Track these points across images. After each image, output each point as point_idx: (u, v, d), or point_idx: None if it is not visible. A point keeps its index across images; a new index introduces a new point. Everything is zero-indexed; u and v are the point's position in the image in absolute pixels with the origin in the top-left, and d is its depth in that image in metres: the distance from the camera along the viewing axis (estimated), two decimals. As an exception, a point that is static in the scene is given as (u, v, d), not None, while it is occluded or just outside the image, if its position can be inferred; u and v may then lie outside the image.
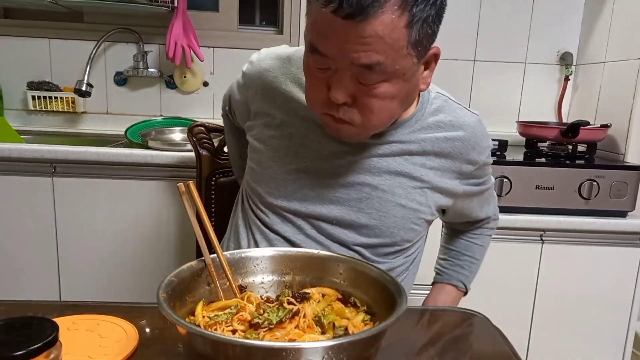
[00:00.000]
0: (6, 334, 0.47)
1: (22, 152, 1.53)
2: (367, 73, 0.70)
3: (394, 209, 0.87)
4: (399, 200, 0.87)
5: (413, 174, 0.87)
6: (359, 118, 0.76)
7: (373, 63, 0.69)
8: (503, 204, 1.60)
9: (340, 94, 0.72)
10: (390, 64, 0.70)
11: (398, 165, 0.87)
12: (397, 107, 0.78)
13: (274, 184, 0.90)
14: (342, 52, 0.69)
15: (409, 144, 0.87)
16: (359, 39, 0.67)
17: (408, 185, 0.87)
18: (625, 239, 1.60)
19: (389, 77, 0.72)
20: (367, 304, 0.68)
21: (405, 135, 0.87)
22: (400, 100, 0.77)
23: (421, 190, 0.88)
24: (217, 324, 0.61)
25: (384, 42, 0.68)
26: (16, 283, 1.62)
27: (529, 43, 2.08)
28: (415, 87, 0.80)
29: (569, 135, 1.69)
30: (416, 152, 0.88)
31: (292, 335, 0.58)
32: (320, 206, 0.88)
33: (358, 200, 0.87)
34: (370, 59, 0.69)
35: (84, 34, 2.01)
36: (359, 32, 0.66)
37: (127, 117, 2.03)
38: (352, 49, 0.68)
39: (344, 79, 0.72)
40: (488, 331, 0.77)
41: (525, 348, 1.66)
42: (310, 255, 0.73)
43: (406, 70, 0.73)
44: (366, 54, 0.68)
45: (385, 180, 0.87)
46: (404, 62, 0.72)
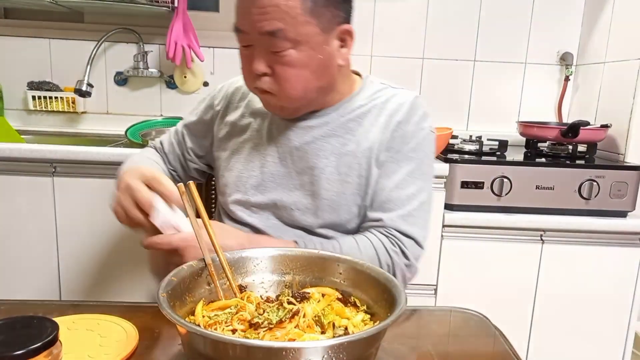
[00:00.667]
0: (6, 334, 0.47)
1: (23, 152, 1.53)
2: (273, 40, 0.82)
3: (342, 187, 0.94)
4: (345, 178, 0.94)
5: (355, 152, 0.94)
6: (276, 87, 0.87)
7: (275, 29, 0.81)
8: (503, 204, 1.60)
9: (258, 64, 0.85)
10: (291, 30, 0.81)
11: (341, 146, 0.95)
12: (311, 77, 0.87)
13: (240, 181, 0.99)
14: (250, 24, 0.82)
15: (349, 123, 0.96)
16: (260, 9, 0.80)
17: (352, 162, 0.94)
18: (625, 239, 1.60)
19: (294, 45, 0.83)
20: (367, 303, 0.68)
21: (344, 114, 0.96)
22: (313, 71, 0.86)
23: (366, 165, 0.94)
24: (217, 323, 0.61)
25: (280, 9, 0.80)
26: (16, 282, 1.62)
27: (529, 43, 2.08)
28: (329, 59, 0.88)
29: (569, 136, 1.69)
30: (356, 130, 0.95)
31: (292, 334, 0.58)
32: (280, 194, 0.97)
33: (311, 184, 0.95)
34: (272, 26, 0.81)
35: (84, 34, 2.01)
36: (258, 3, 0.80)
37: (127, 117, 2.03)
38: (257, 19, 0.81)
39: (260, 51, 0.84)
40: (488, 331, 0.77)
41: (526, 348, 1.66)
42: (310, 255, 0.73)
43: (309, 38, 0.83)
44: (268, 22, 0.81)
45: (332, 162, 0.94)
46: (305, 29, 0.82)
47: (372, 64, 2.07)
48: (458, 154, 1.70)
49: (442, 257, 1.62)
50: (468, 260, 1.63)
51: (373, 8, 2.04)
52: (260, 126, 1.00)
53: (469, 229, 1.60)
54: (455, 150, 1.76)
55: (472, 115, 2.14)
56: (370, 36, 2.06)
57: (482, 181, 1.59)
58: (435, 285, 1.65)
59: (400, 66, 2.07)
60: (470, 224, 1.59)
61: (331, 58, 0.88)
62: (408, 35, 2.06)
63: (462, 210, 1.60)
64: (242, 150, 1.01)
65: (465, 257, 1.62)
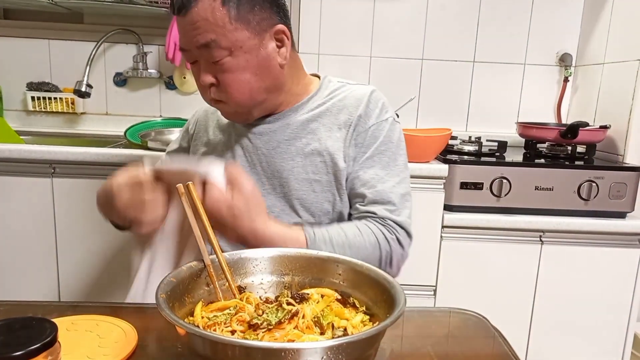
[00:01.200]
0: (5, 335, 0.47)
1: (22, 153, 1.53)
2: (210, 51, 0.87)
3: (311, 186, 0.97)
4: (313, 176, 0.97)
5: (320, 150, 0.97)
6: (224, 95, 0.92)
7: (208, 41, 0.87)
8: (502, 205, 1.60)
9: (204, 76, 0.91)
10: (223, 39, 0.87)
11: (305, 146, 0.98)
12: (253, 79, 0.91)
13: None
14: (188, 40, 0.89)
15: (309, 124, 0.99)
16: (192, 25, 0.86)
17: (317, 161, 0.97)
18: (624, 240, 1.60)
19: (229, 52, 0.88)
20: (366, 304, 0.68)
21: (304, 115, 1.00)
22: (254, 73, 0.91)
23: (331, 162, 0.96)
24: (216, 324, 0.61)
25: (208, 21, 0.86)
26: (15, 283, 1.62)
27: (529, 44, 2.09)
28: (267, 60, 0.92)
29: (569, 136, 1.69)
30: (318, 129, 0.98)
31: (291, 335, 0.58)
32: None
33: (281, 187, 0.98)
34: (204, 38, 0.86)
35: (83, 34, 2.01)
36: (188, 20, 0.86)
37: (126, 118, 2.03)
38: (191, 35, 0.87)
39: (203, 64, 0.91)
40: (487, 332, 0.77)
41: (525, 349, 1.66)
42: (310, 256, 0.73)
43: (242, 43, 0.88)
44: (201, 35, 0.86)
45: (298, 163, 0.98)
46: (235, 35, 0.87)
47: (371, 64, 2.07)
48: (457, 155, 1.70)
49: (442, 257, 1.62)
50: (467, 261, 1.63)
51: (373, 8, 2.04)
52: (228, 139, 1.04)
53: (468, 230, 1.60)
54: (455, 151, 1.76)
55: (472, 116, 2.14)
56: (369, 37, 2.06)
57: (481, 182, 1.59)
58: (434, 286, 1.65)
59: (400, 67, 2.08)
60: (470, 225, 1.59)
61: (269, 59, 0.92)
62: (407, 36, 2.07)
63: (461, 211, 1.60)
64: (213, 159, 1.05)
65: (465, 258, 1.63)
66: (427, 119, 2.12)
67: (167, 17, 1.92)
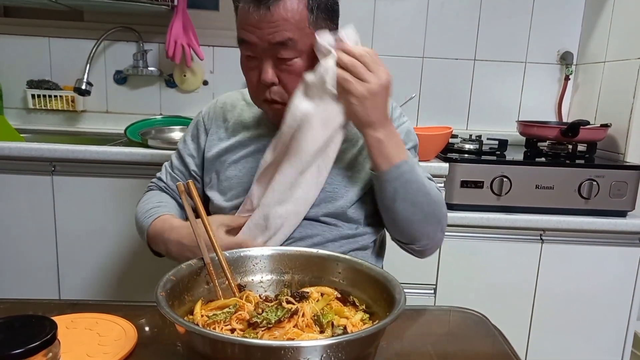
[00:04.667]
0: (5, 333, 0.47)
1: (22, 151, 1.53)
2: (282, 50, 0.87)
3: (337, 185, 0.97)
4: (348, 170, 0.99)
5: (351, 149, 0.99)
6: (285, 96, 0.91)
7: (285, 39, 0.86)
8: (503, 203, 1.60)
9: (267, 74, 0.89)
10: (300, 41, 0.87)
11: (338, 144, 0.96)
12: None
13: (241, 187, 1.00)
14: (260, 36, 0.87)
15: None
16: (270, 24, 0.85)
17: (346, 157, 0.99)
18: (625, 239, 1.60)
19: (299, 54, 0.88)
20: (366, 303, 0.68)
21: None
22: None
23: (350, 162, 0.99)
24: (216, 323, 0.61)
25: (289, 22, 0.86)
26: (16, 281, 1.62)
27: (529, 42, 2.08)
28: None
29: (569, 135, 1.69)
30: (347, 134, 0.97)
31: (291, 334, 0.58)
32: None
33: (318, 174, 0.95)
34: (282, 36, 0.86)
35: (83, 32, 2.01)
36: (269, 16, 0.85)
37: (126, 116, 2.02)
38: (267, 32, 0.86)
39: (268, 62, 0.89)
40: (487, 331, 0.77)
41: (525, 348, 1.66)
42: (310, 255, 0.73)
43: (311, 48, 0.89)
44: (279, 34, 0.86)
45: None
46: (309, 40, 0.88)
47: (372, 63, 2.07)
48: (458, 154, 1.70)
49: (442, 256, 1.62)
50: (467, 259, 1.63)
51: (373, 7, 2.04)
52: (257, 137, 1.03)
53: (469, 229, 1.60)
54: (455, 150, 1.76)
55: (472, 114, 2.14)
56: (370, 35, 2.05)
57: (481, 180, 1.59)
58: (434, 285, 1.65)
59: (400, 65, 2.07)
60: (470, 224, 1.59)
61: None
62: (408, 35, 2.06)
63: (461, 209, 1.60)
64: (241, 159, 1.03)
65: (465, 256, 1.62)
66: (428, 117, 2.11)
67: (167, 15, 1.91)
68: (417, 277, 1.63)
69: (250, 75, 0.93)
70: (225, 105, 1.10)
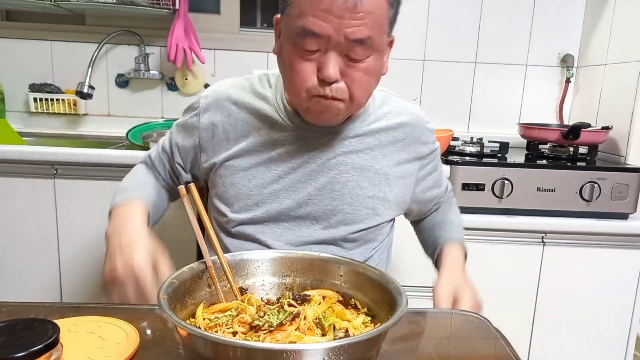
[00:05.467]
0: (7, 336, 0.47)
1: (24, 154, 1.53)
2: (357, 47, 0.78)
3: (364, 201, 0.95)
4: (367, 192, 0.95)
5: (375, 166, 0.96)
6: (347, 94, 0.83)
7: (364, 37, 0.77)
8: (504, 206, 1.60)
9: (334, 70, 0.79)
10: (377, 39, 0.79)
11: (361, 160, 0.95)
12: (373, 85, 0.87)
13: (250, 200, 0.94)
14: (337, 29, 0.76)
15: (367, 137, 0.96)
16: (353, 15, 0.75)
17: (373, 178, 0.96)
18: (626, 241, 1.60)
19: (372, 52, 0.80)
20: (368, 306, 0.68)
21: (361, 127, 0.96)
22: (376, 79, 0.86)
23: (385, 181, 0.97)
24: (218, 326, 0.61)
25: (373, 17, 0.77)
26: (18, 285, 1.62)
27: (530, 45, 2.08)
28: (382, 68, 0.88)
29: (570, 137, 1.69)
30: (375, 146, 0.96)
31: (293, 337, 0.58)
32: (297, 210, 0.94)
33: (331, 199, 0.94)
34: (363, 33, 0.77)
35: (85, 36, 2.01)
36: (355, 8, 0.75)
37: (128, 119, 2.03)
38: (347, 25, 0.76)
39: (334, 56, 0.79)
40: (489, 333, 0.77)
41: (527, 351, 1.66)
42: (311, 258, 0.73)
43: (383, 47, 0.83)
44: (360, 29, 0.77)
45: (353, 177, 0.94)
46: (383, 38, 0.82)
47: (373, 66, 2.08)
48: (459, 156, 1.70)
49: (443, 259, 1.62)
50: (469, 262, 1.62)
51: (374, 10, 2.04)
52: (270, 140, 0.94)
53: (470, 231, 1.60)
54: (456, 152, 1.76)
55: (473, 117, 2.14)
56: (371, 38, 2.06)
57: (483, 183, 1.59)
58: (436, 287, 1.64)
59: (402, 68, 2.07)
60: (471, 226, 1.59)
61: (383, 67, 0.88)
62: (409, 37, 2.07)
63: (463, 212, 1.58)
64: (251, 168, 0.95)
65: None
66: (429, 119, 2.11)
67: (168, 18, 1.92)
68: (419, 280, 1.63)
69: (302, 66, 0.81)
70: (230, 97, 0.96)
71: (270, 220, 0.95)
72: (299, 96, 0.84)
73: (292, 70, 0.82)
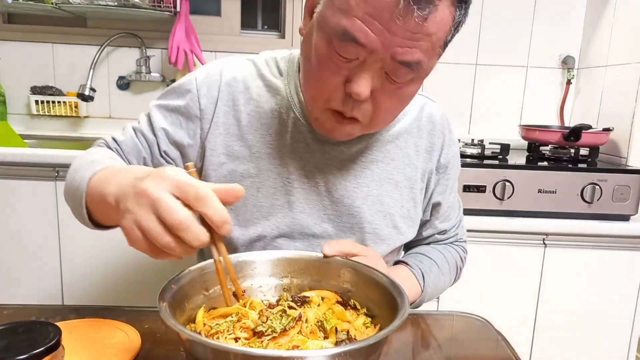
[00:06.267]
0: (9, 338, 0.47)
1: (25, 157, 1.53)
2: (402, 70, 0.65)
3: (384, 220, 0.86)
4: (388, 209, 0.86)
5: (396, 179, 0.86)
6: (369, 116, 0.71)
7: (414, 61, 0.64)
8: (505, 207, 1.60)
9: (365, 88, 0.65)
10: (426, 63, 0.66)
11: (382, 172, 0.85)
12: (403, 108, 0.76)
13: (259, 212, 0.82)
14: (387, 45, 0.62)
15: (387, 146, 0.86)
16: (410, 34, 0.61)
17: (395, 193, 0.86)
18: (628, 243, 1.60)
19: (417, 76, 0.68)
20: (367, 306, 0.67)
21: (383, 131, 0.85)
22: (408, 102, 0.75)
23: (409, 195, 0.88)
24: (219, 332, 0.60)
25: (430, 40, 0.63)
26: (19, 287, 1.62)
27: (531, 47, 2.08)
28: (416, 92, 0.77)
29: (571, 139, 1.69)
30: (396, 154, 0.86)
31: (296, 341, 0.57)
32: (311, 227, 0.84)
33: (350, 216, 0.84)
34: (413, 56, 0.63)
35: (87, 38, 2.02)
36: (414, 26, 0.61)
37: (129, 121, 2.03)
38: (399, 43, 0.62)
39: (370, 72, 0.65)
40: (490, 335, 0.77)
41: (528, 352, 1.66)
42: (310, 258, 0.73)
43: (429, 71, 0.69)
44: (411, 51, 0.63)
45: (373, 191, 0.85)
46: (433, 62, 0.68)
47: (373, 68, 2.08)
48: (460, 158, 1.69)
49: (444, 261, 1.62)
50: (470, 264, 1.61)
51: (375, 12, 2.04)
52: (280, 147, 0.81)
53: (471, 233, 1.59)
54: (457, 154, 1.76)
55: (474, 118, 2.14)
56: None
57: (484, 185, 1.59)
58: (437, 289, 1.64)
59: (402, 70, 2.08)
60: (472, 228, 1.59)
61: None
62: (410, 39, 2.07)
63: (464, 214, 1.59)
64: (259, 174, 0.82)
65: (468, 261, 1.61)
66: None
67: (169, 21, 1.93)
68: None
69: (330, 71, 0.67)
70: (234, 81, 0.81)
71: (281, 237, 0.84)
72: (314, 103, 0.73)
73: (318, 72, 0.68)
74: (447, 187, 0.93)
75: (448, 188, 0.94)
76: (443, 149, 0.91)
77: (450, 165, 0.92)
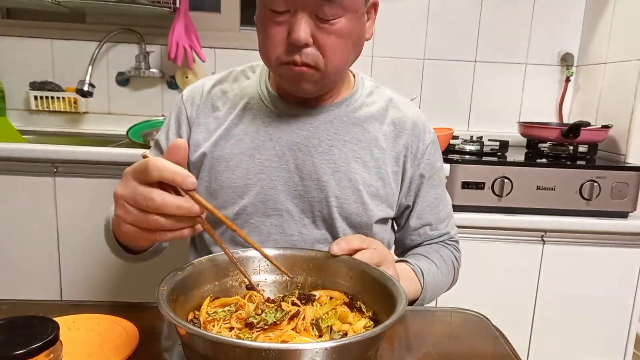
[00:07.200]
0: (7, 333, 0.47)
1: (24, 152, 1.53)
2: (325, 6, 0.75)
3: (352, 195, 0.89)
4: (356, 185, 0.89)
5: (364, 158, 0.91)
6: (321, 60, 0.79)
7: None
8: (504, 204, 1.60)
9: (303, 33, 0.75)
10: None
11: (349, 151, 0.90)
12: (351, 50, 0.82)
13: (234, 192, 0.89)
14: None
15: (353, 128, 0.91)
16: None
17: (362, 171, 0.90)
18: (626, 240, 1.60)
19: (345, 12, 0.77)
20: (374, 310, 0.66)
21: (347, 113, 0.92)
22: (353, 43, 0.82)
23: (377, 174, 0.91)
24: (215, 320, 0.61)
25: None
26: (17, 282, 1.62)
27: (530, 44, 2.08)
28: (363, 32, 0.84)
29: (570, 136, 1.69)
30: (364, 136, 0.91)
31: (286, 336, 0.57)
32: (284, 202, 0.89)
33: (318, 190, 0.89)
34: None
35: (86, 34, 2.01)
36: None
37: (128, 117, 2.03)
38: None
39: (303, 18, 0.76)
40: (489, 332, 0.77)
41: (527, 349, 1.66)
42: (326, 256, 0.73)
43: (358, 7, 0.79)
44: None
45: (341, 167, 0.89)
46: None
47: (372, 64, 2.07)
48: (459, 155, 1.70)
49: (443, 257, 1.62)
50: (469, 260, 1.61)
51: (374, 8, 2.04)
52: (252, 127, 0.91)
53: (470, 230, 1.60)
54: (456, 151, 1.76)
55: (473, 115, 2.14)
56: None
57: (482, 182, 1.59)
58: (436, 286, 1.65)
59: (401, 67, 2.07)
60: (471, 225, 1.59)
61: (364, 32, 0.84)
62: (409, 36, 2.06)
63: (462, 210, 1.60)
64: (235, 153, 0.90)
65: (466, 257, 1.60)
66: (429, 118, 2.08)
67: (169, 17, 1.92)
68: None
69: (273, 31, 0.78)
70: (210, 89, 0.96)
71: (256, 214, 0.89)
72: (269, 62, 0.82)
73: (264, 35, 0.80)
74: (431, 177, 0.97)
75: (431, 179, 0.98)
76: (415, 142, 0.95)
77: (427, 154, 0.96)
